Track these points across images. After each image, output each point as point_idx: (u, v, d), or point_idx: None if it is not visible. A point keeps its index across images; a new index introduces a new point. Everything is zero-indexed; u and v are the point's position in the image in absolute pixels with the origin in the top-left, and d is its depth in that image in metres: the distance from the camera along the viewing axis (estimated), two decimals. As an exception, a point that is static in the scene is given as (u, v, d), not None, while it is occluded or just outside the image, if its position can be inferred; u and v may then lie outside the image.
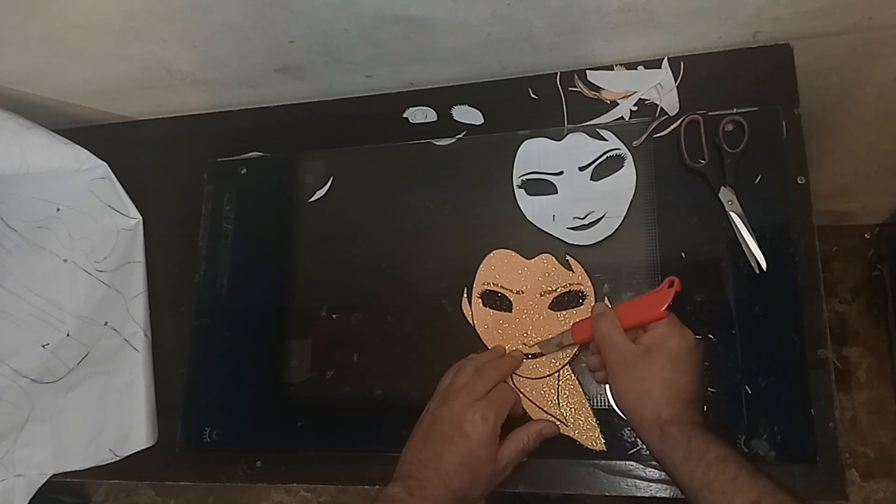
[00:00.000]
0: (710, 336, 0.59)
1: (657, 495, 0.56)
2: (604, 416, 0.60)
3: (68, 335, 0.75)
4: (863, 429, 1.22)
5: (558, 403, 0.61)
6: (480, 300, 0.66)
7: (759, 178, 0.62)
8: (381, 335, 0.68)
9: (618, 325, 0.56)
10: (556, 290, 0.64)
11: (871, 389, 1.24)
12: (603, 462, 0.58)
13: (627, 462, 0.58)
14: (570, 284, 0.64)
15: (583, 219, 0.65)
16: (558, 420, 0.60)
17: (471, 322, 0.65)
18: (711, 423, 0.56)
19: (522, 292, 0.65)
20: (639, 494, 0.57)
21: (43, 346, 0.75)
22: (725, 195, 0.61)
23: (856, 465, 1.20)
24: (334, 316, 0.70)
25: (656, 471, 0.57)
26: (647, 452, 0.57)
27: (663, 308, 0.54)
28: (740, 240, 0.60)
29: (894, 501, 1.18)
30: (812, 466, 0.54)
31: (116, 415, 0.71)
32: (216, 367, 0.72)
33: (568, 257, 0.65)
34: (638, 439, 0.58)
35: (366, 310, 0.69)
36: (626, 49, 0.67)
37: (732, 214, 0.60)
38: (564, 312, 0.63)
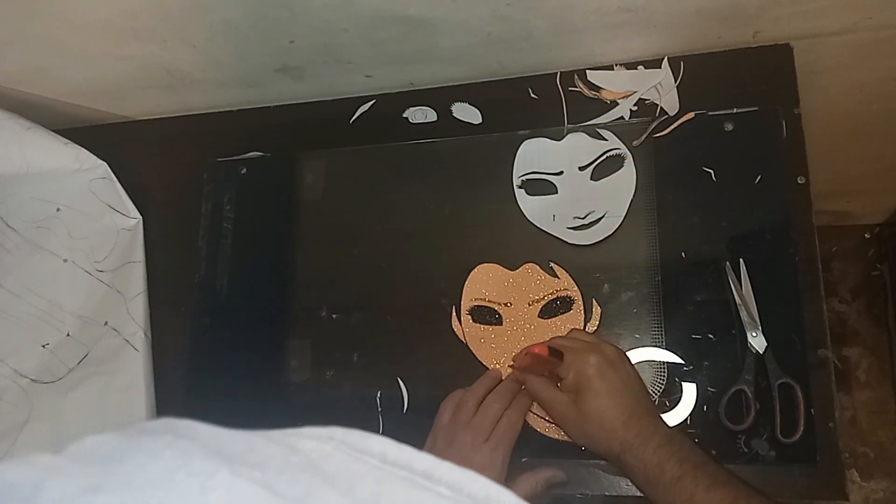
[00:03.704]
0: (710, 336, 0.59)
1: (657, 495, 0.56)
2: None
3: (68, 335, 0.75)
4: (863, 429, 1.22)
5: None
6: (470, 317, 0.65)
7: (759, 178, 0.62)
8: (381, 335, 0.68)
9: (545, 383, 0.56)
10: (543, 298, 0.63)
11: (871, 389, 1.23)
12: (603, 462, 0.58)
13: (627, 462, 0.58)
14: (557, 291, 0.63)
15: (583, 219, 0.65)
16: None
17: (462, 340, 0.65)
18: (710, 422, 0.57)
19: (510, 304, 0.64)
20: (639, 494, 0.57)
21: (43, 346, 0.75)
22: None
23: (856, 465, 1.20)
24: (334, 316, 0.70)
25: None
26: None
27: (555, 369, 0.55)
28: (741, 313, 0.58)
29: (894, 501, 1.18)
30: (812, 466, 0.54)
31: (116, 415, 0.71)
32: (216, 367, 0.72)
33: (552, 264, 0.64)
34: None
35: (366, 310, 0.69)
36: (626, 49, 0.67)
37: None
38: (554, 319, 0.63)
